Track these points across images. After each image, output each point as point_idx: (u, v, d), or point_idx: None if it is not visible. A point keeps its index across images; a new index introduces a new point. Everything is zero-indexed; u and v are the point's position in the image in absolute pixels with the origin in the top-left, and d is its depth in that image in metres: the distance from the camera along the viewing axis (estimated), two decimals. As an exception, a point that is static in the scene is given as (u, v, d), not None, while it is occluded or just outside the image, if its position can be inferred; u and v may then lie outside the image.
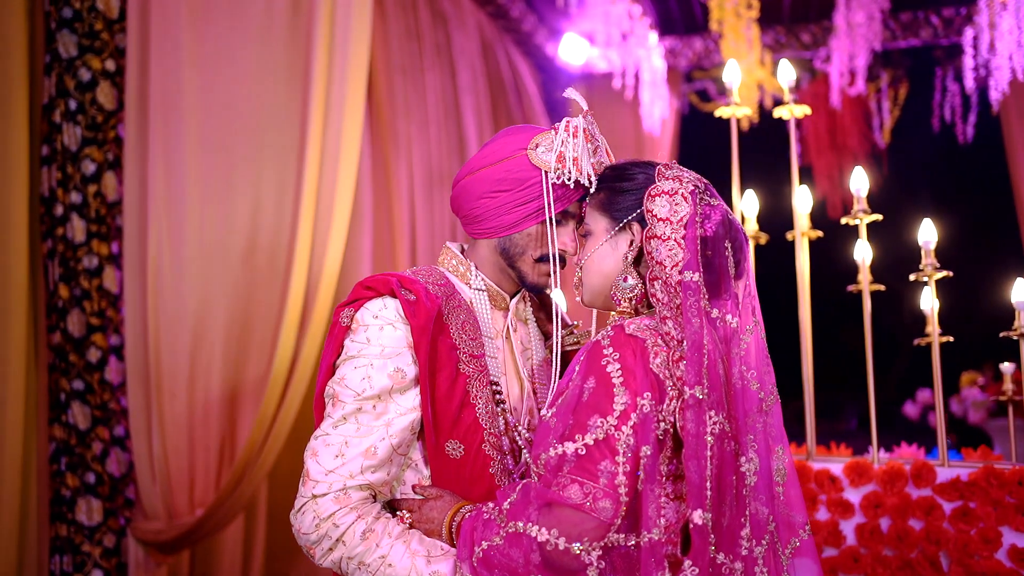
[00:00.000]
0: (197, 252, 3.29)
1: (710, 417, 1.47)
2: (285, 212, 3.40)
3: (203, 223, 3.30)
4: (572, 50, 6.47)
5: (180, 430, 3.25)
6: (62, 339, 3.23)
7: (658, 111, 6.10)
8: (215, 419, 3.33)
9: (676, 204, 1.58)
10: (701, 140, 7.09)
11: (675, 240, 1.56)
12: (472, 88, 5.48)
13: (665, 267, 1.56)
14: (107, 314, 3.29)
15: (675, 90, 6.71)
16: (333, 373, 1.67)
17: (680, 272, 1.54)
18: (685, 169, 1.65)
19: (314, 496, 1.57)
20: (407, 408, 1.62)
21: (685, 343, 1.49)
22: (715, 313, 1.56)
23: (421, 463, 1.68)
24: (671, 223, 1.57)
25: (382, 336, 1.62)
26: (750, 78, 5.70)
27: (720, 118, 3.07)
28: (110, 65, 3.32)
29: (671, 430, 1.50)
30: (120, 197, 3.31)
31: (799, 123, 6.89)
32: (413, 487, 1.67)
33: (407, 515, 1.62)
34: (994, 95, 5.54)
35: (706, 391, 1.47)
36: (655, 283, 1.57)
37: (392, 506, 1.67)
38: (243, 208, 3.36)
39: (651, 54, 5.93)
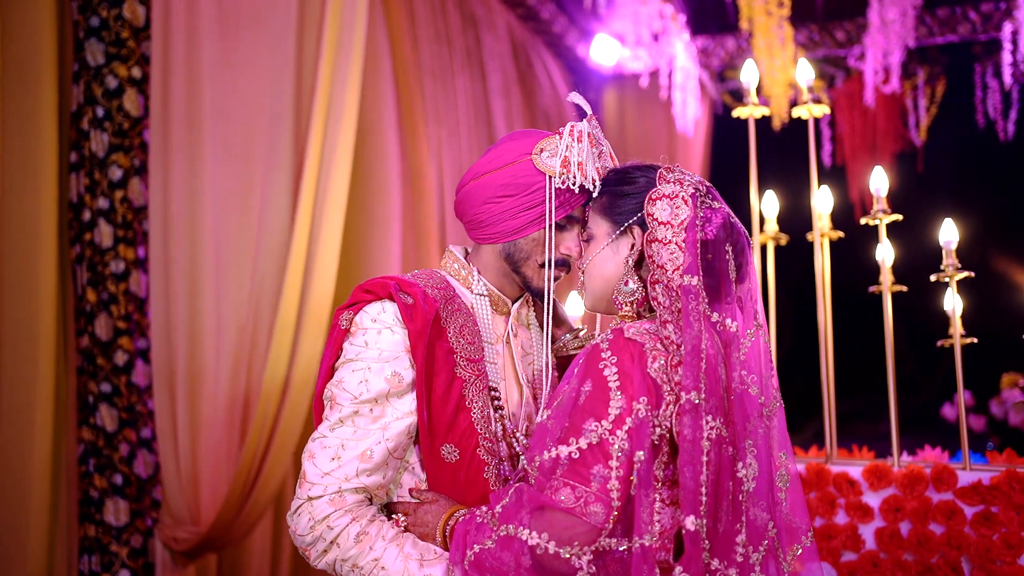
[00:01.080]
0: (220, 256, 3.32)
1: (707, 422, 1.46)
2: (295, 218, 3.42)
3: (225, 227, 3.33)
4: (603, 51, 6.45)
5: (204, 433, 3.28)
6: (90, 342, 3.28)
7: (691, 111, 6.06)
8: (237, 423, 3.36)
9: (676, 207, 1.57)
10: (735, 140, 7.02)
11: (676, 244, 1.55)
12: (503, 91, 5.48)
13: (666, 271, 1.55)
14: (133, 318, 3.34)
15: (708, 90, 6.66)
16: (332, 375, 1.68)
17: (681, 276, 1.53)
18: (687, 172, 1.65)
19: (310, 498, 1.59)
20: (404, 412, 1.63)
21: (683, 347, 1.49)
22: (715, 317, 1.55)
23: (418, 467, 1.68)
24: (672, 226, 1.56)
25: (380, 340, 1.63)
26: (783, 77, 5.65)
27: (754, 117, 3.05)
28: (136, 72, 3.37)
29: (667, 435, 1.49)
30: (146, 202, 3.35)
31: (833, 122, 6.82)
32: (410, 491, 1.68)
33: (402, 518, 1.63)
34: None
35: (703, 396, 1.46)
36: (656, 287, 1.56)
37: (389, 509, 1.68)
38: (262, 212, 3.39)
39: (683, 54, 5.90)
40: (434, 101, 4.79)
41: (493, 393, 1.71)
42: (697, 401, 1.45)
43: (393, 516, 1.64)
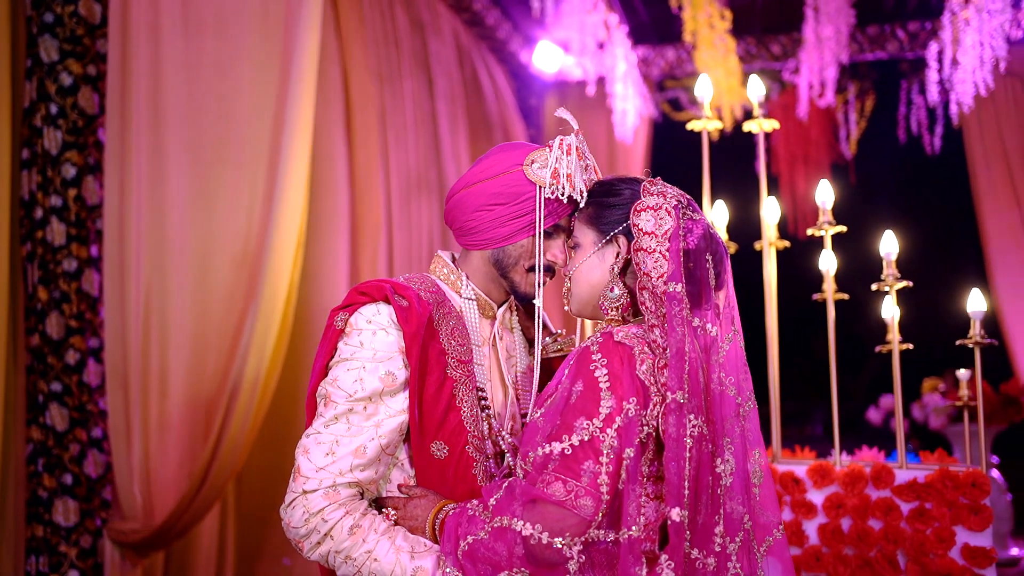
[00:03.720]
0: (177, 256, 3.32)
1: (690, 421, 1.56)
2: (252, 218, 3.43)
3: (183, 227, 3.33)
4: (546, 58, 6.56)
5: (158, 431, 3.28)
6: (40, 341, 3.25)
7: (631, 119, 6.19)
8: (192, 421, 3.36)
9: (661, 218, 1.66)
10: (673, 148, 7.18)
11: (660, 252, 1.64)
12: (448, 95, 5.54)
13: (651, 278, 1.64)
14: (86, 317, 3.31)
15: (648, 99, 6.81)
16: (326, 374, 1.73)
17: (665, 283, 1.62)
18: (668, 185, 1.74)
19: (304, 492, 1.64)
20: (396, 410, 1.69)
21: (668, 350, 1.58)
22: (696, 322, 1.64)
23: (407, 463, 1.75)
24: (656, 236, 1.65)
25: (375, 340, 1.69)
26: (724, 88, 5.79)
27: (707, 130, 3.15)
28: (91, 70, 3.35)
29: (654, 433, 1.59)
30: (100, 201, 3.33)
31: (767, 134, 7.02)
32: (399, 486, 1.74)
33: (392, 512, 1.69)
34: (954, 109, 5.70)
35: (687, 396, 1.56)
36: (643, 292, 1.65)
37: (378, 504, 1.74)
38: (221, 213, 3.40)
39: (624, 63, 6.02)
40: (381, 104, 4.82)
41: (480, 393, 1.78)
42: (682, 400, 1.55)
43: (383, 510, 1.70)
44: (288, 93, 3.32)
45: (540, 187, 1.75)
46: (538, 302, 1.81)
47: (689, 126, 3.11)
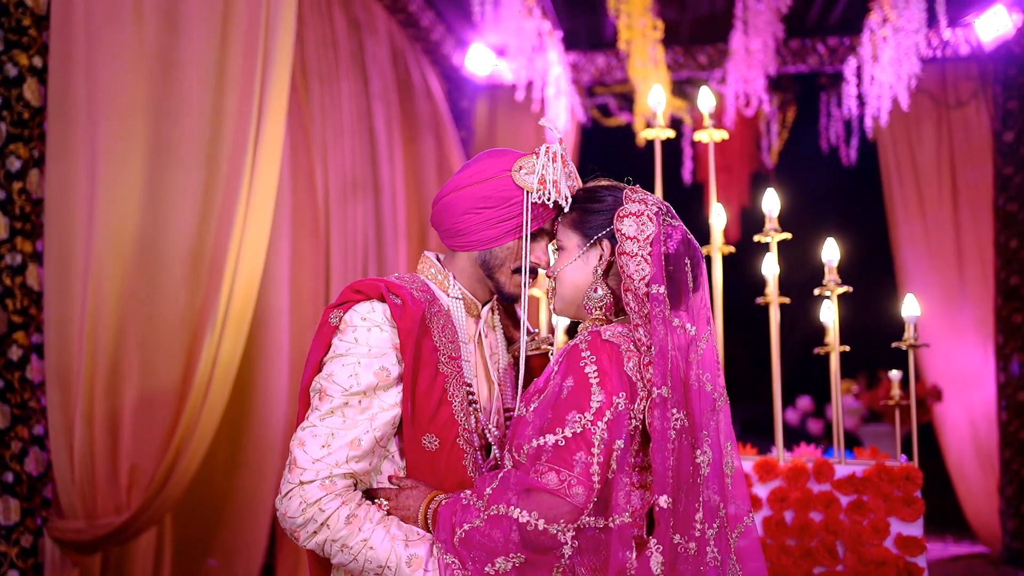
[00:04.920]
0: (122, 252, 3.28)
1: (673, 414, 1.66)
2: (209, 215, 3.42)
3: (130, 222, 3.30)
4: (478, 61, 6.64)
5: (100, 430, 3.24)
6: (-18, 336, 3.19)
7: (561, 124, 6.30)
8: (136, 420, 3.33)
9: (643, 224, 1.76)
10: (600, 153, 7.34)
11: (642, 256, 1.74)
12: (383, 96, 5.57)
13: (634, 280, 1.74)
14: (30, 312, 3.26)
15: (578, 104, 6.93)
16: (320, 369, 1.79)
17: (647, 285, 1.72)
18: (648, 192, 1.84)
19: (301, 483, 1.69)
20: (390, 404, 1.75)
21: (653, 348, 1.68)
22: (676, 322, 1.74)
23: (397, 455, 1.81)
24: (638, 241, 1.75)
25: (369, 337, 1.75)
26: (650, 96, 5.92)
27: (618, 133, 3.27)
28: (37, 62, 3.30)
29: (640, 426, 1.69)
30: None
31: (692, 142, 7.22)
32: (389, 478, 1.80)
33: (384, 503, 1.75)
34: (868, 123, 5.98)
35: (670, 391, 1.66)
36: (627, 294, 1.75)
37: (370, 495, 1.80)
38: (170, 209, 3.37)
39: (556, 68, 6.13)
40: (320, 103, 4.83)
41: (467, 388, 1.85)
42: (666, 395, 1.66)
43: (376, 501, 1.76)
44: (264, 95, 3.31)
45: (528, 192, 1.83)
46: (523, 302, 1.89)
47: (643, 134, 3.22)
